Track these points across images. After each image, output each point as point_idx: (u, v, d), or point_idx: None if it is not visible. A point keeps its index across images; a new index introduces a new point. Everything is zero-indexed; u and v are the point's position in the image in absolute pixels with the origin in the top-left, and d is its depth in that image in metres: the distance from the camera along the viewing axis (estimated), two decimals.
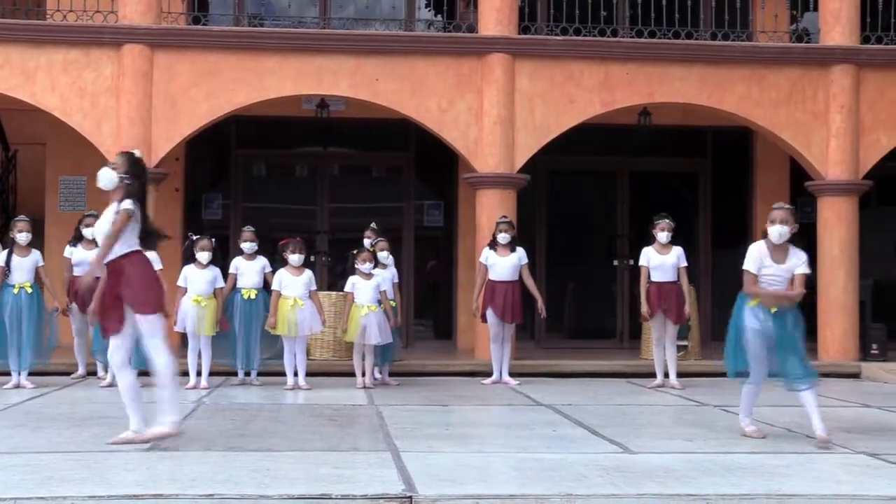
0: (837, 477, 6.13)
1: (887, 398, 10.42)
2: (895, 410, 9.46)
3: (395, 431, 7.64)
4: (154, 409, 7.06)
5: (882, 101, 13.32)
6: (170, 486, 5.50)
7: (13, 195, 16.90)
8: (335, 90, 12.96)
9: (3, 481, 5.59)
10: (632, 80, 13.06)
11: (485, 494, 5.38)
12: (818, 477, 6.09)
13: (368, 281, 10.66)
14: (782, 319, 7.31)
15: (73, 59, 12.47)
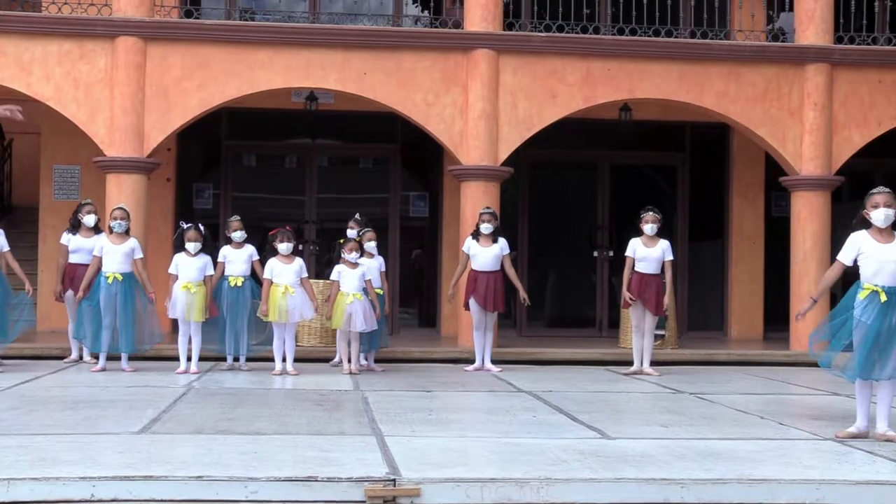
0: (806, 462, 6.18)
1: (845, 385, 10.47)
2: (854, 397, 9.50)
3: (380, 416, 7.66)
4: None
5: (854, 99, 13.39)
6: (160, 467, 5.50)
7: (8, 183, 16.84)
8: (324, 83, 12.95)
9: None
10: (613, 76, 13.09)
11: (466, 478, 5.40)
12: (788, 462, 6.14)
13: (354, 270, 10.67)
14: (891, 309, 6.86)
15: (67, 50, 12.43)
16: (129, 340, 10.69)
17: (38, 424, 7.11)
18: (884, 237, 6.97)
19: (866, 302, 6.88)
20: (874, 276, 6.91)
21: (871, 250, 6.96)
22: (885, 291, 6.84)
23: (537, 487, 5.31)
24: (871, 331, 6.84)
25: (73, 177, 14.51)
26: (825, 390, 10.18)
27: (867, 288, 6.90)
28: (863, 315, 6.88)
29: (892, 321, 6.85)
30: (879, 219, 6.96)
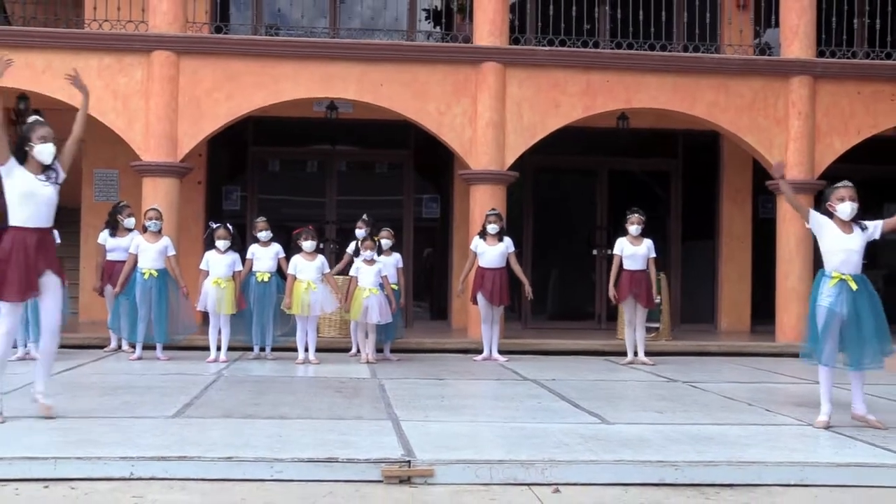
0: (791, 446, 6.16)
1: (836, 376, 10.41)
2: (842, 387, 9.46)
3: (396, 402, 7.67)
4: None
5: (835, 109, 13.34)
6: (193, 449, 5.53)
7: None
8: (343, 94, 12.95)
9: (44, 443, 5.64)
10: (611, 87, 13.07)
11: (476, 459, 5.40)
12: (774, 446, 6.13)
13: (371, 266, 10.69)
14: (860, 296, 6.74)
15: (107, 64, 12.47)
16: (163, 331, 10.74)
17: (81, 409, 7.12)
18: (846, 228, 6.86)
19: (837, 291, 6.74)
20: (841, 266, 6.78)
21: (837, 240, 6.82)
22: (853, 279, 6.74)
23: (542, 468, 5.32)
24: (835, 318, 6.72)
25: (112, 180, 14.57)
26: (809, 379, 10.12)
27: (836, 276, 6.77)
28: (834, 305, 6.73)
29: (861, 308, 6.74)
30: (845, 211, 6.84)
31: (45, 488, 4.94)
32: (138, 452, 5.38)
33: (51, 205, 6.57)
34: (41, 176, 6.53)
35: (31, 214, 6.48)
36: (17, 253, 6.40)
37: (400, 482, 5.18)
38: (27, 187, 6.46)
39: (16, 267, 6.39)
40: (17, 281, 6.39)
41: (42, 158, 6.51)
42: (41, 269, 6.49)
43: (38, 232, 6.50)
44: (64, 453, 5.32)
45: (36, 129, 6.56)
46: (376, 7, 14.48)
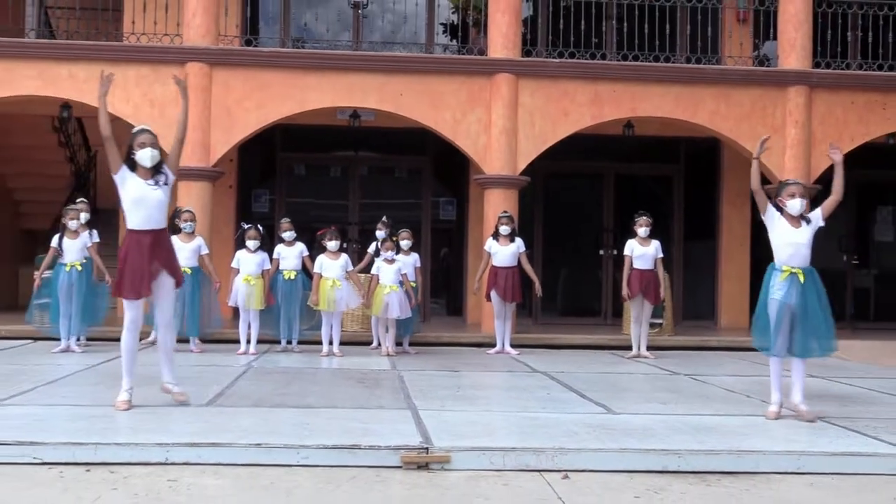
0: (788, 436, 6.13)
1: (829, 370, 10.39)
2: (836, 380, 9.46)
3: (414, 392, 7.67)
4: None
5: (830, 118, 13.28)
6: (224, 435, 5.54)
7: (93, 189, 16.97)
8: (365, 103, 12.97)
9: (86, 429, 5.65)
10: (618, 97, 13.05)
11: (490, 447, 5.40)
12: (772, 436, 6.10)
13: (391, 265, 10.70)
14: (809, 288, 6.65)
15: (144, 74, 12.52)
16: (195, 325, 10.76)
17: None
18: (795, 223, 6.78)
19: (787, 284, 6.66)
20: (790, 259, 6.70)
21: (787, 234, 6.74)
22: (802, 273, 6.66)
23: (552, 455, 5.31)
24: (786, 310, 6.63)
25: None
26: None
27: (786, 270, 6.68)
28: (785, 297, 6.63)
29: (810, 300, 6.65)
30: (795, 207, 6.76)
31: (86, 472, 4.96)
32: (173, 439, 5.41)
33: (162, 207, 6.62)
34: (150, 181, 6.56)
35: (145, 218, 6.53)
36: (132, 254, 6.50)
37: (418, 468, 5.18)
38: (138, 193, 6.51)
39: (131, 267, 6.48)
40: (132, 280, 6.48)
41: (143, 163, 6.55)
42: (156, 270, 6.55)
43: (151, 234, 6.56)
44: (104, 439, 5.35)
45: (137, 137, 6.62)
46: (396, 21, 14.50)
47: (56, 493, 4.58)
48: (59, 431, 5.57)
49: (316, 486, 4.83)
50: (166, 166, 6.71)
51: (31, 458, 5.11)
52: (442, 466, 5.20)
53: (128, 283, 6.52)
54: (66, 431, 5.58)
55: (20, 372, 8.50)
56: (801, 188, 6.83)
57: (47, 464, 5.08)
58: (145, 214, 6.54)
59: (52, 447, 5.19)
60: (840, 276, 15.95)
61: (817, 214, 6.85)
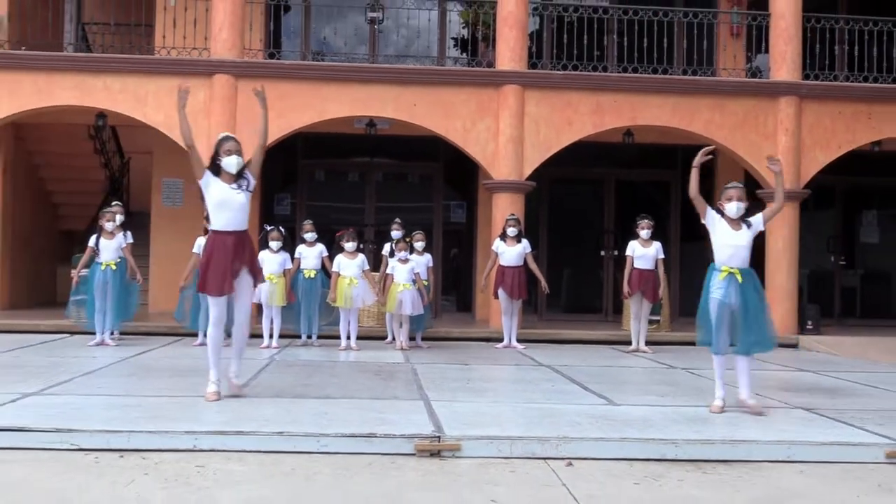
0: (779, 426, 6.11)
1: (819, 364, 10.39)
2: (825, 374, 9.42)
3: (427, 384, 7.67)
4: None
5: (819, 126, 13.22)
6: (248, 424, 5.55)
7: (126, 193, 17.02)
8: (381, 113, 12.97)
9: (120, 417, 5.68)
10: (618, 106, 13.01)
11: (498, 435, 5.40)
12: (765, 426, 6.07)
13: (405, 265, 10.70)
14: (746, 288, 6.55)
15: (174, 85, 12.30)
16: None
17: (151, 388, 7.18)
18: (735, 225, 6.69)
19: (726, 283, 6.54)
20: (729, 260, 6.59)
21: (726, 236, 6.63)
22: (740, 273, 6.56)
23: (556, 444, 5.31)
24: (726, 309, 6.52)
25: (177, 188, 14.65)
26: (794, 367, 10.08)
27: (724, 270, 6.57)
28: (723, 296, 6.53)
29: (747, 299, 6.53)
30: (732, 210, 6.66)
31: (120, 458, 4.98)
32: (201, 427, 5.42)
33: (244, 210, 6.62)
34: (234, 185, 6.56)
35: (228, 220, 6.54)
36: (216, 253, 6.51)
37: (431, 455, 5.19)
38: (222, 196, 6.52)
39: (215, 266, 6.49)
40: (216, 278, 6.48)
41: (229, 169, 6.56)
42: (238, 268, 6.55)
43: (234, 234, 6.56)
44: (137, 427, 5.37)
45: (223, 144, 6.62)
46: (410, 36, 14.50)
47: (92, 478, 4.60)
48: (95, 420, 5.59)
49: (335, 472, 4.83)
50: (248, 171, 6.69)
51: (69, 444, 5.13)
52: (453, 454, 5.20)
53: (212, 281, 6.51)
54: (101, 420, 5.60)
55: (58, 364, 8.53)
56: (739, 192, 6.73)
57: (83, 450, 5.10)
58: (229, 217, 6.54)
59: (88, 434, 5.21)
60: (828, 276, 15.91)
61: (758, 219, 6.76)
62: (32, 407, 6.01)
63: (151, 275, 14.34)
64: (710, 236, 6.79)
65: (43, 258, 15.97)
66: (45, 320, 12.06)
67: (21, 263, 15.00)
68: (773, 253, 13.05)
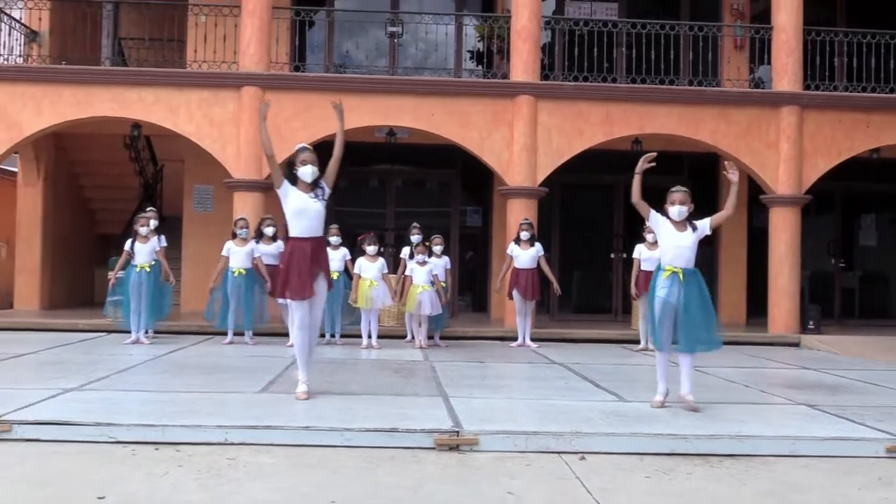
0: (783, 422, 6.08)
1: (820, 362, 10.31)
2: (826, 372, 9.35)
3: (445, 381, 7.67)
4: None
5: (819, 135, 13.14)
6: (277, 419, 5.57)
7: (160, 199, 17.11)
8: (400, 122, 12.98)
9: (154, 412, 5.70)
10: (627, 116, 12.98)
11: (514, 430, 5.39)
12: (768, 422, 6.05)
13: (423, 267, 10.70)
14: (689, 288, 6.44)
15: (205, 97, 12.60)
16: (250, 320, 10.81)
17: (183, 384, 7.21)
18: (680, 227, 6.64)
19: (668, 282, 6.46)
20: (673, 260, 6.53)
21: (671, 237, 6.58)
22: (683, 272, 6.49)
23: (569, 439, 5.29)
24: (669, 307, 6.44)
25: (208, 194, 14.70)
26: (796, 365, 10.02)
27: (668, 269, 6.52)
28: (666, 295, 6.45)
29: (689, 299, 6.44)
30: (675, 213, 6.63)
31: (155, 450, 5.00)
32: (231, 422, 5.44)
33: (320, 218, 6.62)
34: (310, 194, 6.57)
35: (306, 227, 6.56)
36: (296, 259, 6.50)
37: (450, 449, 5.18)
38: (299, 204, 6.53)
39: (296, 271, 6.48)
40: (298, 283, 6.47)
41: (305, 178, 6.58)
42: (316, 273, 6.54)
43: (312, 241, 6.58)
44: (171, 421, 5.39)
45: (299, 155, 6.66)
46: (428, 49, 14.51)
47: (130, 469, 4.62)
48: (132, 414, 5.62)
49: (358, 464, 4.84)
50: (323, 181, 6.68)
51: (108, 437, 5.16)
52: (471, 448, 5.19)
53: (294, 286, 6.48)
54: (137, 414, 5.63)
55: (96, 361, 8.58)
56: (683, 195, 6.68)
57: (121, 442, 5.12)
58: (306, 224, 6.54)
59: (125, 428, 5.24)
60: (828, 277, 15.80)
61: (705, 223, 6.71)
62: (73, 402, 6.04)
63: (183, 276, 14.39)
64: (657, 238, 6.74)
65: (81, 261, 16.08)
66: (83, 320, 12.13)
67: (61, 266, 15.11)
68: (776, 256, 12.98)
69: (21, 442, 5.10)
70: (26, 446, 5.03)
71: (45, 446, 5.04)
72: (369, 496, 4.26)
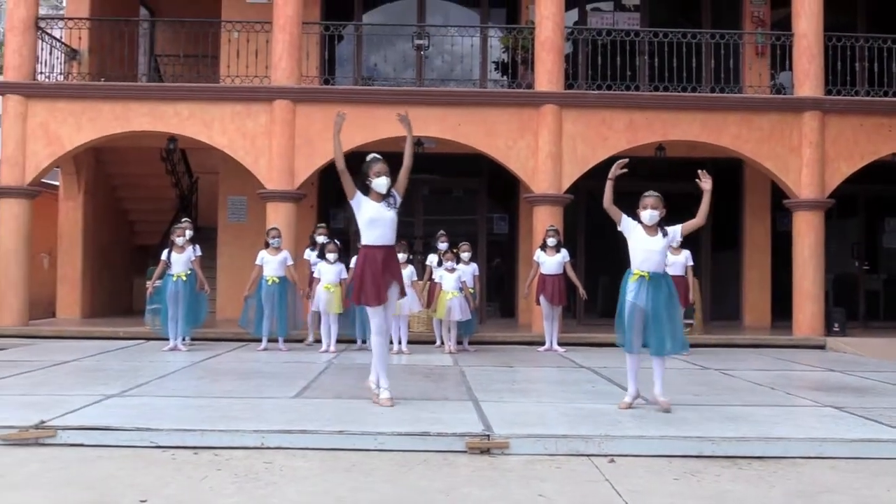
0: (811, 424, 6.00)
1: (846, 364, 10.17)
2: (852, 374, 9.22)
3: (475, 386, 7.64)
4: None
5: (841, 139, 13.00)
6: (311, 423, 5.57)
7: (195, 210, 17.25)
8: (428, 132, 12.99)
9: (193, 417, 5.73)
10: (650, 123, 12.92)
11: (544, 434, 5.36)
12: (797, 424, 5.98)
13: (452, 274, 10.69)
14: (657, 291, 6.38)
15: (238, 111, 12.71)
16: (283, 327, 10.85)
17: (220, 390, 7.24)
18: (651, 232, 6.56)
19: (637, 286, 6.39)
20: (642, 264, 6.46)
21: (641, 241, 6.51)
22: (651, 276, 6.41)
23: (598, 442, 5.25)
24: (638, 310, 6.37)
25: (242, 205, 14.81)
26: (822, 367, 9.88)
27: (636, 273, 6.44)
28: (634, 298, 6.38)
29: (657, 302, 6.36)
30: (646, 217, 6.56)
31: (194, 454, 5.03)
32: (268, 426, 5.45)
33: (392, 226, 6.62)
34: (383, 203, 6.59)
35: (379, 235, 6.56)
36: (369, 267, 6.51)
37: (481, 452, 5.16)
38: (373, 214, 6.54)
39: (370, 278, 6.49)
40: (373, 290, 6.48)
41: (379, 189, 6.59)
42: (388, 280, 6.54)
43: (384, 249, 6.58)
44: (209, 426, 5.42)
45: (372, 166, 6.66)
46: (453, 61, 14.53)
47: (170, 473, 4.65)
48: (171, 419, 5.65)
49: (391, 468, 4.83)
50: (395, 190, 6.69)
51: (148, 441, 5.19)
52: (502, 451, 5.17)
53: (369, 293, 6.49)
54: (176, 419, 5.66)
55: (136, 368, 8.66)
56: (654, 200, 6.61)
57: (161, 447, 5.15)
58: (380, 233, 6.55)
59: (165, 433, 5.27)
60: (853, 280, 15.61)
61: (676, 230, 6.64)
62: (114, 407, 6.10)
63: (218, 285, 14.50)
64: (628, 242, 6.65)
65: (120, 271, 16.25)
66: (122, 328, 12.26)
67: (101, 276, 15.29)
68: (800, 259, 12.84)
69: (66, 447, 5.15)
70: (71, 451, 5.08)
71: (88, 451, 5.08)
72: (403, 499, 4.25)
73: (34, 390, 7.00)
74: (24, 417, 5.53)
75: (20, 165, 12.57)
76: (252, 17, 13.64)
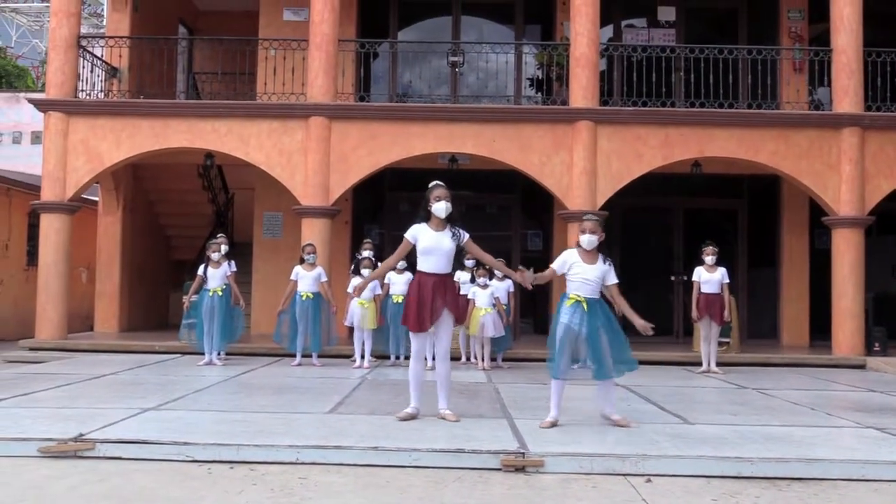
0: (852, 446, 5.89)
1: (888, 385, 9.98)
2: (895, 395, 9.04)
3: (509, 403, 7.62)
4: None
5: (881, 155, 12.81)
6: (345, 439, 5.58)
7: (231, 226, 17.42)
8: (462, 149, 13.03)
9: (228, 432, 5.76)
10: (686, 139, 12.83)
11: (580, 452, 5.32)
12: (837, 445, 5.87)
13: (485, 290, 10.67)
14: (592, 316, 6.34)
15: (274, 128, 12.83)
16: (317, 342, 10.89)
17: (255, 404, 7.28)
18: (589, 258, 6.47)
19: (571, 310, 6.32)
20: (578, 288, 6.38)
21: (577, 266, 6.41)
22: (587, 301, 6.34)
23: (635, 461, 5.20)
24: (571, 334, 6.30)
25: (277, 221, 14.93)
26: (863, 388, 9.70)
27: (572, 297, 6.35)
28: (568, 320, 6.30)
29: (593, 327, 6.30)
30: (585, 241, 6.48)
31: (230, 469, 5.06)
32: (302, 441, 5.46)
33: (449, 256, 6.61)
34: (444, 231, 6.61)
35: (432, 264, 6.58)
36: (419, 293, 6.55)
37: (516, 470, 5.13)
38: (429, 243, 6.58)
39: (418, 304, 6.52)
40: (417, 316, 6.51)
41: (438, 214, 6.63)
42: (438, 307, 6.53)
43: (436, 276, 6.58)
44: (245, 441, 5.44)
45: (434, 191, 6.73)
46: (487, 77, 14.56)
47: (206, 486, 4.68)
48: (207, 433, 5.69)
49: (426, 484, 4.82)
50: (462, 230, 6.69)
51: (185, 455, 5.23)
52: (537, 469, 5.14)
53: (413, 318, 6.53)
54: (212, 433, 5.70)
55: (172, 382, 8.73)
56: (594, 224, 6.52)
57: (197, 461, 5.19)
58: (434, 261, 6.56)
59: (201, 447, 5.31)
60: (893, 298, 15.32)
61: (612, 275, 6.55)
62: (151, 421, 6.15)
63: (253, 300, 14.60)
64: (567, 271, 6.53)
65: (157, 285, 16.44)
66: (159, 342, 12.38)
67: (138, 290, 15.47)
68: (839, 277, 12.64)
69: (104, 459, 5.21)
70: (108, 464, 5.13)
71: (126, 464, 5.13)
72: None
73: (73, 403, 7.08)
74: (63, 430, 5.61)
75: (61, 181, 12.79)
76: (289, 34, 13.81)
